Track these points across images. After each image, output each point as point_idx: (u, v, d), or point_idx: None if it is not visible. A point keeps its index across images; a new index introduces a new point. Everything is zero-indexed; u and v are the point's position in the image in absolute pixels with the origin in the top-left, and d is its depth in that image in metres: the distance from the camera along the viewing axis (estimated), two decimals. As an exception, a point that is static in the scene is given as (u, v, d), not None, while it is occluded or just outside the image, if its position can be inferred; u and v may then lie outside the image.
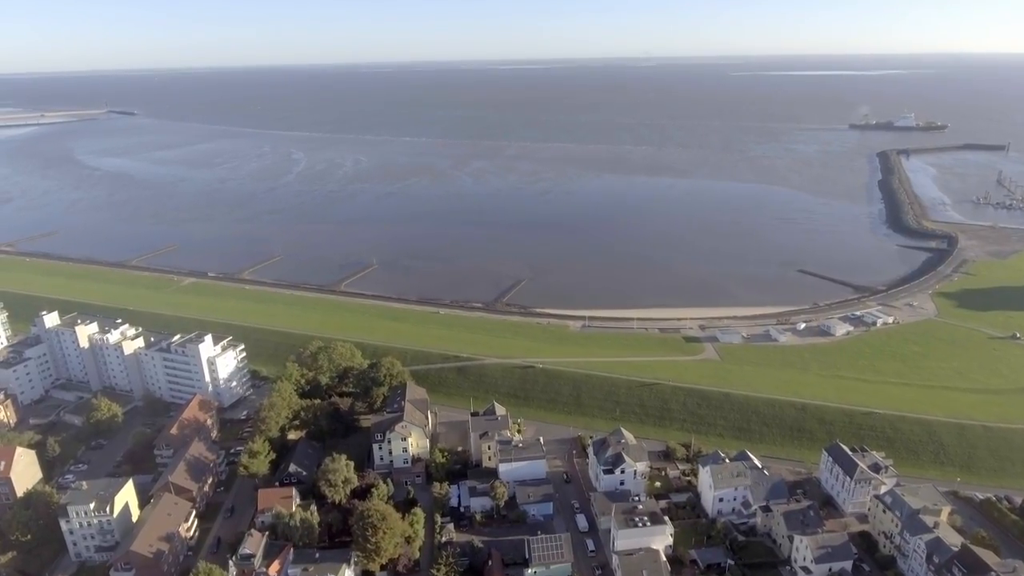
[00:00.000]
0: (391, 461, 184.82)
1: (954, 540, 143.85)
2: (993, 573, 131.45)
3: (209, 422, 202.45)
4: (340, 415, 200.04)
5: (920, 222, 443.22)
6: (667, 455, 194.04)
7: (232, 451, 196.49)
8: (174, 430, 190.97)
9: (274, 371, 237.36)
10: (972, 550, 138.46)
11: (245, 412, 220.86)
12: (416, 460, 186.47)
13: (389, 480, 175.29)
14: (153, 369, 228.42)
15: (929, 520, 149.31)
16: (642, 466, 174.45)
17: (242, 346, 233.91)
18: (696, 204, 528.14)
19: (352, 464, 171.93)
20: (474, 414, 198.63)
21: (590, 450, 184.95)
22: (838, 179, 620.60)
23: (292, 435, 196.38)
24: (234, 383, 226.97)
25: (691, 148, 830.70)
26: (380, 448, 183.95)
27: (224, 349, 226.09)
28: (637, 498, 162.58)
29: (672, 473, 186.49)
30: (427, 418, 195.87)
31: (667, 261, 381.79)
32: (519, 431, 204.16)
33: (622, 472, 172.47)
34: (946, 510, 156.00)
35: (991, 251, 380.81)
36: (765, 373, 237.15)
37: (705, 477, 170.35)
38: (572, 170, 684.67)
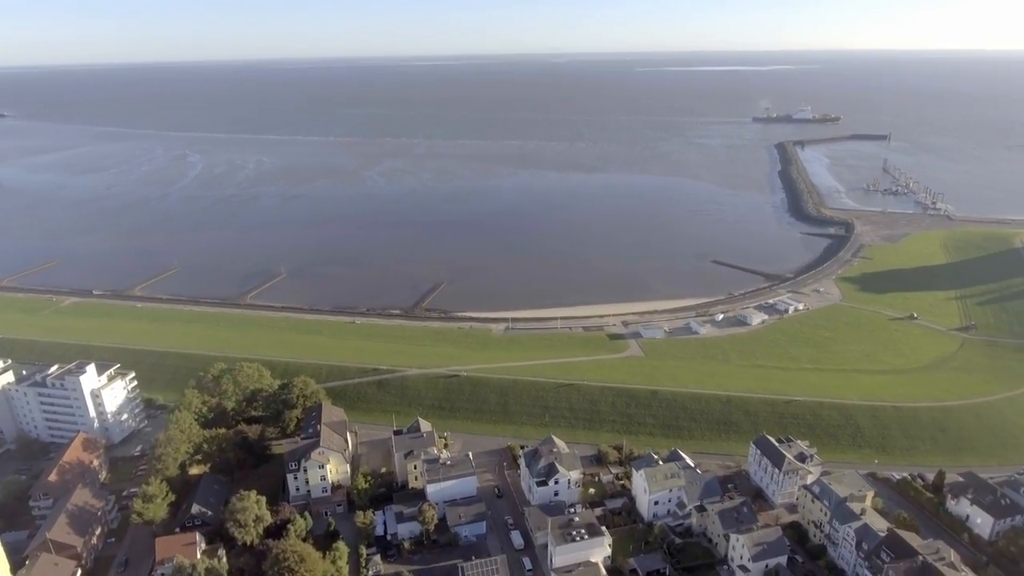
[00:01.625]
0: (308, 491, 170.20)
1: (880, 525, 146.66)
2: (920, 556, 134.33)
3: (96, 463, 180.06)
4: (249, 444, 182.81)
5: (819, 210, 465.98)
6: (599, 459, 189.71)
7: (125, 494, 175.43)
8: (54, 476, 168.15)
9: (172, 399, 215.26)
10: (898, 534, 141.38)
11: (139, 448, 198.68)
12: (336, 488, 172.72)
13: (307, 513, 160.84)
14: (27, 407, 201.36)
15: (856, 507, 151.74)
16: (575, 474, 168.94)
17: (132, 374, 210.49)
18: (610, 199, 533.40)
19: (264, 499, 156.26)
20: (397, 432, 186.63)
21: (521, 461, 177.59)
22: (743, 170, 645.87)
23: (194, 470, 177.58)
24: (124, 416, 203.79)
25: (601, 143, 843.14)
26: (295, 478, 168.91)
27: (111, 378, 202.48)
28: (572, 509, 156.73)
29: (606, 478, 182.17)
30: (346, 440, 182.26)
31: (586, 257, 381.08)
32: (446, 446, 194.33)
33: (556, 483, 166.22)
34: (870, 495, 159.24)
35: (884, 235, 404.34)
36: (689, 367, 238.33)
37: (639, 481, 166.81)
38: (486, 167, 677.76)
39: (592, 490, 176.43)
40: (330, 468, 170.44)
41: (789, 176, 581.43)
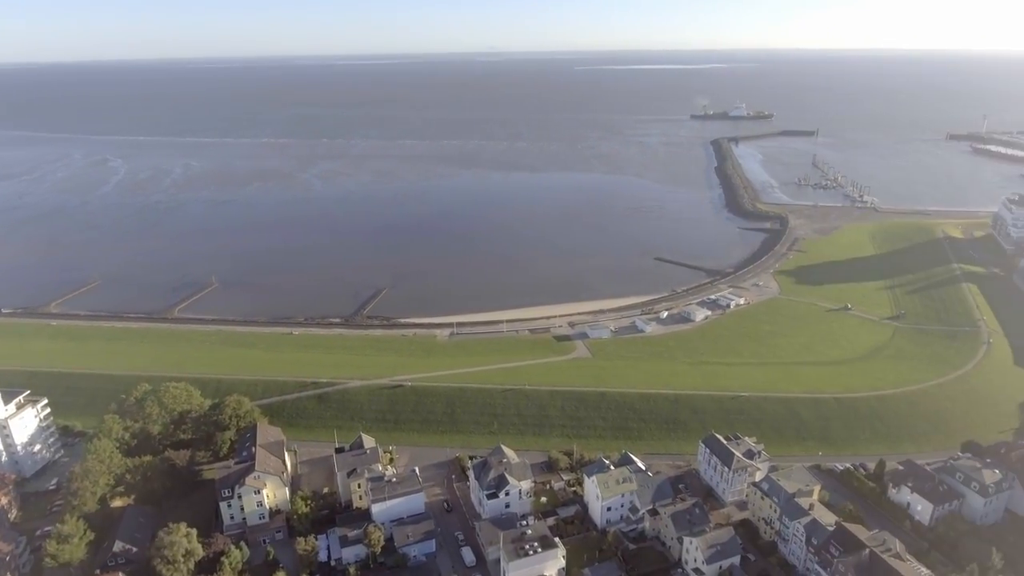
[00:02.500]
0: (244, 519, 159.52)
1: (828, 520, 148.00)
2: (867, 549, 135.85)
3: (5, 501, 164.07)
4: (176, 471, 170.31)
5: (755, 205, 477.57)
6: (550, 466, 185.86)
7: (39, 534, 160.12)
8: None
9: (91, 425, 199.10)
10: (846, 528, 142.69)
11: (55, 481, 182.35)
12: (275, 513, 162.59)
13: (243, 543, 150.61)
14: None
15: (804, 502, 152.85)
16: (526, 484, 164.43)
17: (45, 400, 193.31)
18: (553, 198, 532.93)
19: (195, 531, 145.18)
20: (339, 449, 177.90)
21: (471, 474, 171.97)
22: (682, 167, 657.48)
23: (117, 503, 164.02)
24: (37, 447, 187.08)
25: (541, 142, 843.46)
26: (229, 506, 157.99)
27: (20, 406, 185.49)
28: (525, 521, 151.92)
29: (557, 485, 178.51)
30: (284, 462, 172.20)
31: (531, 258, 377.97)
32: (391, 461, 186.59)
33: (506, 494, 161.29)
34: (816, 489, 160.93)
35: (816, 228, 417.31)
36: (636, 367, 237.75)
37: (591, 488, 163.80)
38: (426, 168, 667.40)
39: (544, 499, 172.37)
40: (267, 493, 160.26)
41: (725, 172, 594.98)
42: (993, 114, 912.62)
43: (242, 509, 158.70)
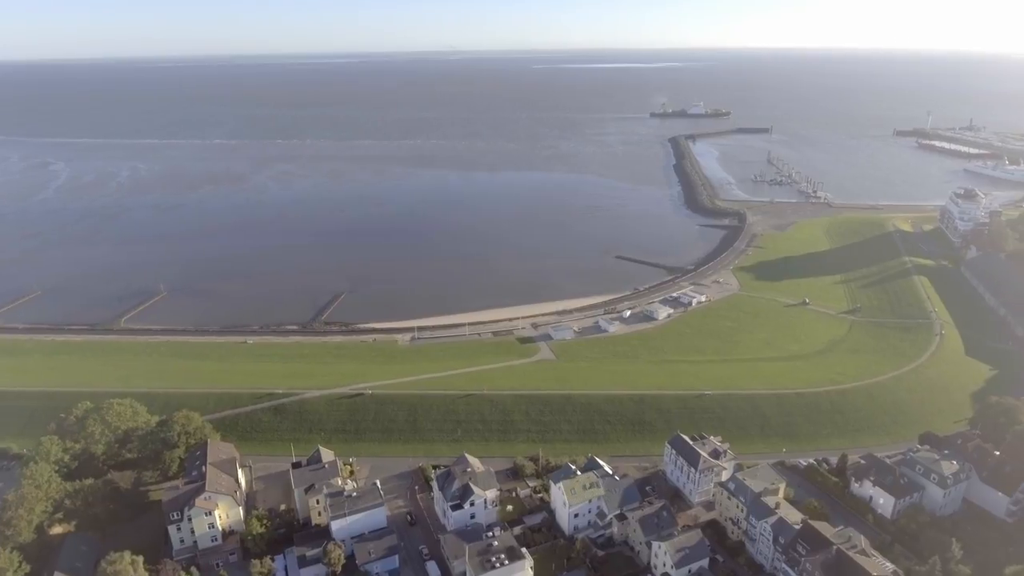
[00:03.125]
0: (195, 542, 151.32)
1: (795, 518, 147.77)
2: (833, 546, 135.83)
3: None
4: (121, 494, 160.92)
5: (713, 202, 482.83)
6: (516, 473, 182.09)
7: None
8: None
9: (30, 446, 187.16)
10: (812, 526, 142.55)
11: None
12: (228, 534, 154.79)
13: (194, 568, 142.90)
14: None
15: (771, 501, 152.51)
16: (492, 494, 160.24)
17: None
18: (513, 197, 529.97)
19: (141, 558, 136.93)
20: (296, 464, 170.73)
21: (435, 484, 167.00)
22: (641, 165, 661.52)
23: (56, 530, 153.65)
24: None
25: (500, 141, 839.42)
26: (178, 529, 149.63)
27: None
28: (491, 533, 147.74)
29: (523, 492, 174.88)
30: (238, 480, 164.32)
31: (492, 259, 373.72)
32: (352, 473, 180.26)
33: (471, 505, 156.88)
34: (782, 487, 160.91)
35: (774, 224, 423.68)
36: (601, 367, 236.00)
37: (558, 494, 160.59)
38: (384, 169, 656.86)
39: (510, 507, 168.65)
40: (219, 513, 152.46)
41: (684, 170, 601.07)
42: (937, 111, 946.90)
43: (192, 532, 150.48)
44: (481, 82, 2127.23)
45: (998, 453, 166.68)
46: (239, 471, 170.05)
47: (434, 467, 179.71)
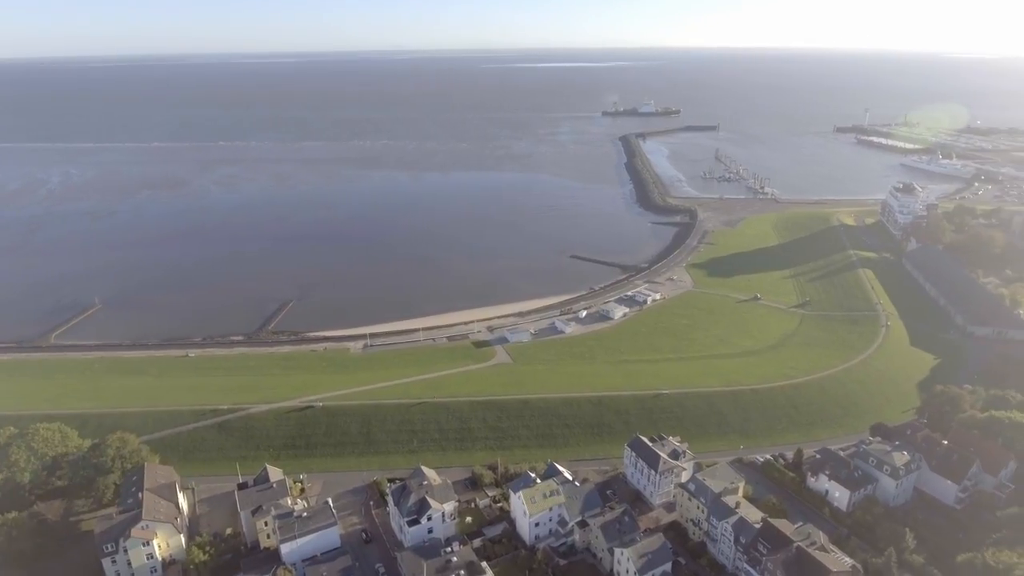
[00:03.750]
0: (132, 574, 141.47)
1: (755, 517, 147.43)
2: (794, 544, 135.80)
3: None
4: (49, 527, 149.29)
5: (665, 199, 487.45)
6: (474, 482, 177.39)
7: None
8: None
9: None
10: (772, 524, 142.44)
11: None
12: (169, 564, 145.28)
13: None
14: None
15: (731, 501, 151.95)
16: (450, 506, 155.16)
17: None
18: (465, 198, 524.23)
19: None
20: (242, 485, 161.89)
21: (390, 499, 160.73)
22: (593, 164, 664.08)
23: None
24: None
25: (451, 142, 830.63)
26: (114, 562, 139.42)
27: None
28: (449, 548, 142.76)
29: (482, 502, 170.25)
30: (178, 505, 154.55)
31: (446, 261, 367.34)
32: (302, 491, 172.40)
33: (429, 519, 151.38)
34: (741, 485, 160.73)
35: (724, 221, 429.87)
36: (558, 370, 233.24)
37: (518, 504, 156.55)
38: (332, 171, 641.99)
39: (469, 518, 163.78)
40: (158, 543, 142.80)
41: (635, 168, 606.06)
42: (874, 108, 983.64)
43: (129, 564, 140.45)
44: (431, 82, 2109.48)
45: (945, 442, 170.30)
46: (180, 495, 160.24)
47: (389, 480, 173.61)
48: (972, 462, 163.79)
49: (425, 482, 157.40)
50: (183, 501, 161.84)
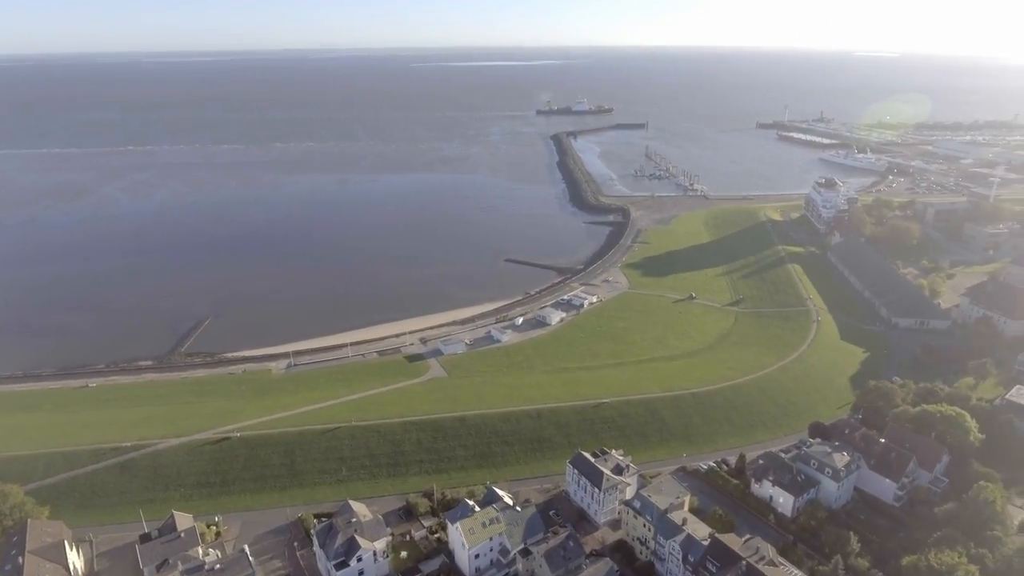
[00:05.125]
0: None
1: (703, 533, 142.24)
2: (743, 561, 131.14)
3: None
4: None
5: (597, 199, 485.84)
6: (409, 512, 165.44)
7: None
8: None
9: None
10: (720, 541, 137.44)
11: None
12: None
13: None
14: None
15: (677, 517, 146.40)
16: (381, 544, 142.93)
17: None
18: (394, 202, 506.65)
19: None
20: (145, 536, 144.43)
21: (315, 539, 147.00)
22: (527, 164, 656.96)
23: None
24: None
25: (378, 143, 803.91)
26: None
27: None
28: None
29: (418, 534, 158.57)
30: (68, 566, 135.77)
31: (374, 269, 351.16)
32: (217, 535, 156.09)
33: (358, 560, 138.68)
34: (687, 499, 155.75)
35: (656, 219, 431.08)
36: (495, 382, 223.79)
37: (456, 535, 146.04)
38: (251, 175, 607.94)
39: (404, 553, 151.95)
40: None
41: (567, 167, 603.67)
42: (793, 105, 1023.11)
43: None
44: (357, 81, 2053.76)
45: (883, 440, 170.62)
46: (73, 552, 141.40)
47: (316, 517, 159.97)
48: (909, 459, 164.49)
49: (353, 519, 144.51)
50: (77, 559, 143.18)
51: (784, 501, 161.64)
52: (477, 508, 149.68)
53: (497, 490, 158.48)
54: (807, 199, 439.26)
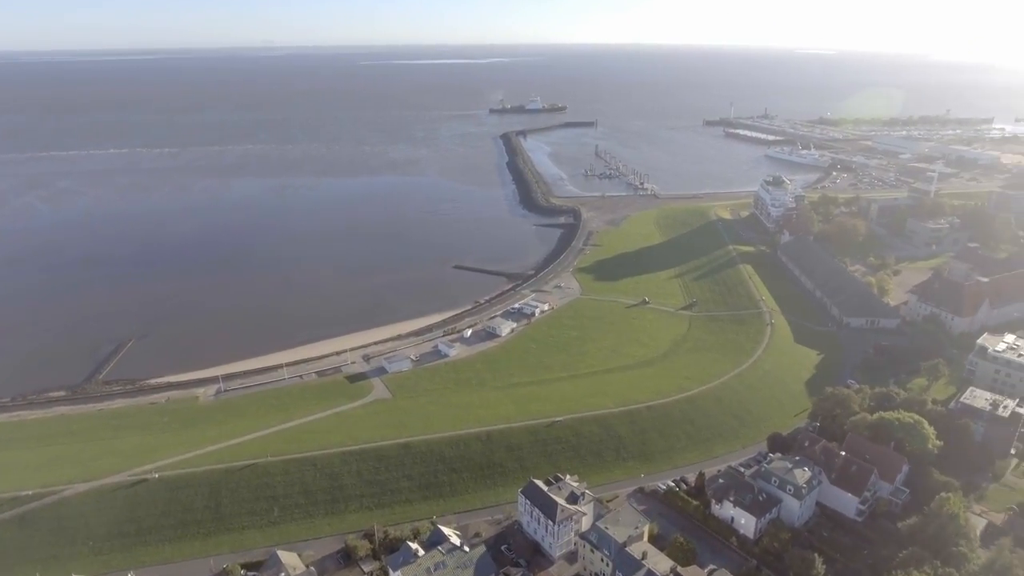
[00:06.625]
0: None
1: (664, 567, 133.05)
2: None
3: None
4: None
5: (548, 200, 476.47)
6: (348, 556, 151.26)
7: None
8: None
9: None
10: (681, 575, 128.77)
11: None
12: None
13: None
14: None
15: (637, 550, 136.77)
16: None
17: None
18: (337, 207, 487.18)
19: None
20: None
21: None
22: (476, 165, 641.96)
23: None
24: None
25: (320, 144, 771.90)
26: None
27: None
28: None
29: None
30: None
31: (315, 280, 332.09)
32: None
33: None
34: (646, 529, 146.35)
35: (607, 220, 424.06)
36: (443, 402, 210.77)
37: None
38: (182, 181, 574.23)
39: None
40: None
41: (517, 167, 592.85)
42: (738, 102, 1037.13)
43: None
44: (300, 80, 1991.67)
45: (844, 453, 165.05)
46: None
47: (243, 567, 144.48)
48: (870, 472, 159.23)
49: (283, 574, 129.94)
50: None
51: (746, 522, 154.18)
52: (421, 551, 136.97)
53: (443, 528, 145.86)
54: (756, 197, 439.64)
